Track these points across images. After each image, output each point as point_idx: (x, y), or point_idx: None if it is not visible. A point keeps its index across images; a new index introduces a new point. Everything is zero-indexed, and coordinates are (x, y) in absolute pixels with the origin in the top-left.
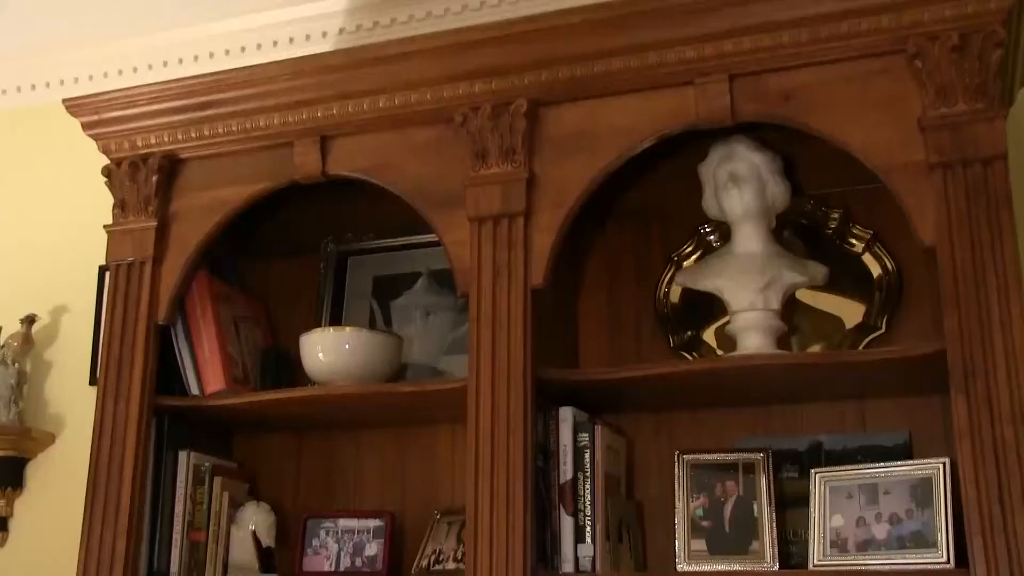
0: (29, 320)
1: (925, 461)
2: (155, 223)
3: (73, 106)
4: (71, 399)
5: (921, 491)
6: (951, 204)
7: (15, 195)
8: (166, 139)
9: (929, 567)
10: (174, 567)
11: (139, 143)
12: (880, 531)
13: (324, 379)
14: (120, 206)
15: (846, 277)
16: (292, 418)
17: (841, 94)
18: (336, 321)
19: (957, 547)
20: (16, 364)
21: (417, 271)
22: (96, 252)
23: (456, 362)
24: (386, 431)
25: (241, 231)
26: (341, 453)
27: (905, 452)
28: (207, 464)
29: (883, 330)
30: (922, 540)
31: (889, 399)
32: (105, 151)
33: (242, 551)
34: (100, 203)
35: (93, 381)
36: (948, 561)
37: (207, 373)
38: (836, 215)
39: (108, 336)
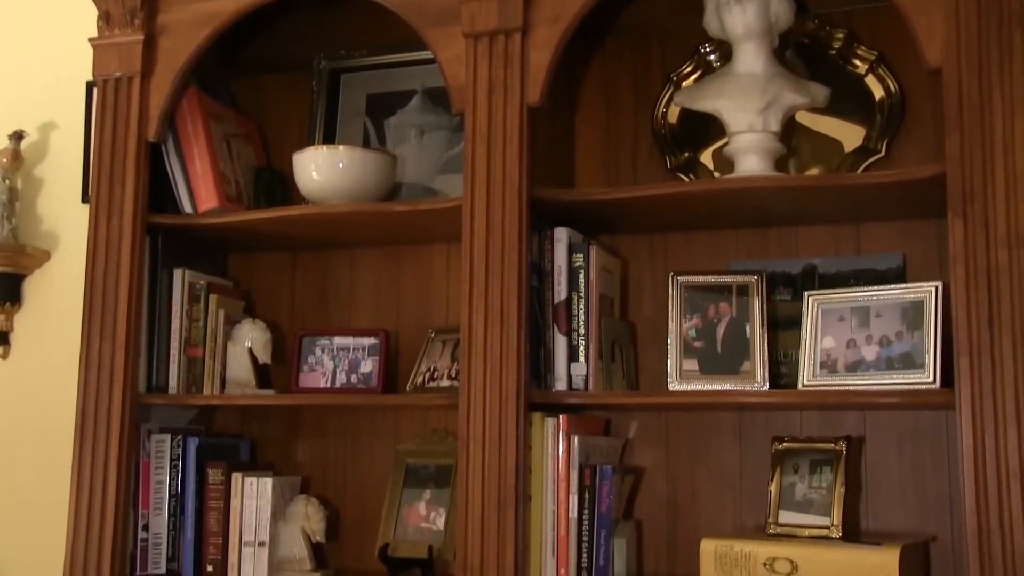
0: (17, 136)
1: (918, 284)
2: (142, 37)
3: None
4: (64, 216)
5: (912, 314)
6: (961, 23)
7: None
8: None
9: (915, 387)
10: (173, 382)
11: None
12: (870, 353)
13: (318, 198)
14: (105, 19)
15: (847, 99)
16: (286, 237)
17: None
18: (329, 140)
19: (944, 369)
20: (7, 181)
21: (411, 89)
22: (84, 67)
23: (451, 181)
24: (381, 250)
25: (232, 48)
26: (336, 272)
27: (899, 276)
28: (202, 282)
29: (882, 154)
30: (910, 361)
31: (885, 223)
32: None
33: (239, 367)
34: (87, 15)
35: (86, 198)
36: (934, 381)
37: (199, 190)
38: (840, 35)
39: (98, 153)
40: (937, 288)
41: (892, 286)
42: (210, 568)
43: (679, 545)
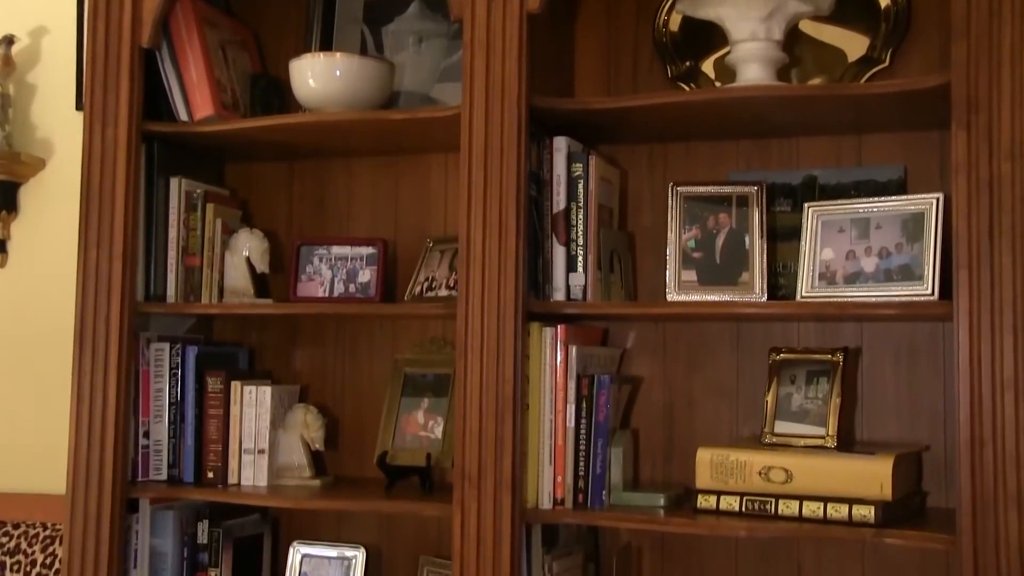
0: (7, 41)
1: (918, 196)
2: None
3: None
4: (58, 124)
5: (912, 226)
6: None
7: None
8: None
9: (914, 299)
10: (170, 291)
11: None
12: (869, 264)
13: (315, 106)
14: None
15: (852, 7)
16: (283, 146)
17: None
18: (326, 47)
19: (943, 281)
20: None
21: None
22: None
23: (449, 90)
24: (378, 159)
25: None
26: (333, 181)
27: (900, 188)
28: (199, 191)
29: (887, 63)
30: (909, 273)
31: (887, 134)
32: None
33: (237, 276)
34: None
35: (80, 106)
36: (932, 293)
37: (195, 98)
38: None
39: (91, 60)
40: (938, 200)
41: (893, 198)
42: (210, 475)
43: (675, 454)
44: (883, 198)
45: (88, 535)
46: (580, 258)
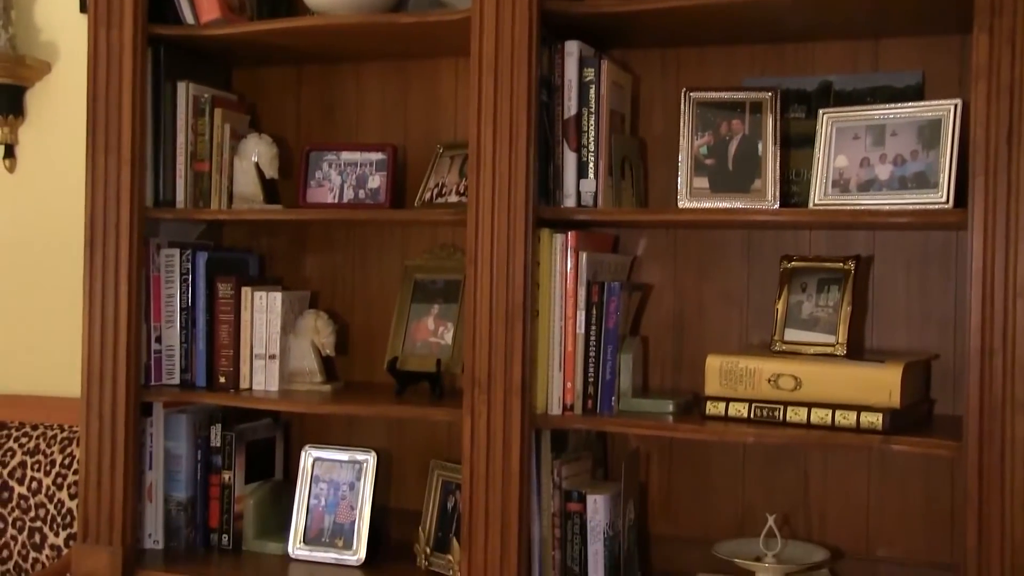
0: None
1: (936, 102)
2: None
3: None
4: (63, 26)
5: (929, 132)
6: None
7: None
8: None
9: (928, 207)
10: (180, 196)
11: None
12: (883, 172)
13: (323, 9)
14: None
15: None
16: (291, 50)
17: None
18: None
19: (958, 189)
20: None
21: None
22: None
23: None
24: (388, 64)
25: None
26: (342, 87)
27: (917, 94)
28: (207, 95)
29: None
30: (924, 181)
31: (905, 39)
32: None
33: (246, 182)
34: None
35: (84, 7)
36: (947, 201)
37: (201, 0)
38: None
39: None
40: (956, 106)
41: (909, 104)
42: (222, 379)
43: (685, 361)
44: (899, 104)
45: (104, 437)
46: (591, 164)
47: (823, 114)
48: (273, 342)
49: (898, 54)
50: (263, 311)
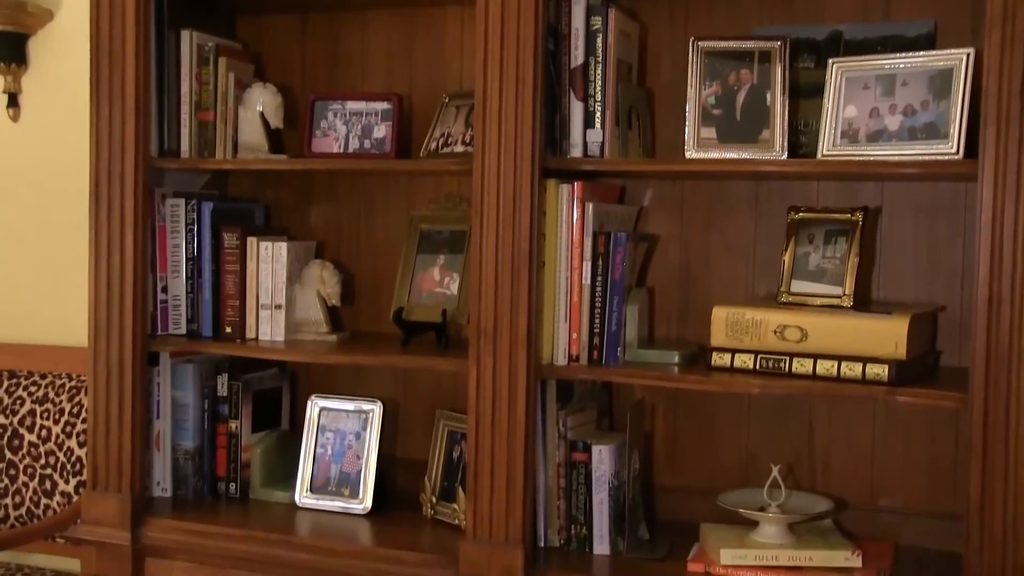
0: None
1: (948, 51)
2: None
3: None
4: None
5: (940, 82)
6: None
7: None
8: None
9: (938, 157)
10: (184, 146)
11: None
12: (893, 122)
13: None
14: None
15: None
16: None
17: None
18: None
19: (968, 140)
20: None
21: None
22: None
23: None
24: (393, 13)
25: None
26: (347, 36)
27: (928, 43)
28: (211, 44)
29: None
30: (934, 131)
31: None
32: None
33: (251, 132)
34: None
35: None
36: (957, 152)
37: None
38: None
39: None
40: (969, 55)
41: (921, 53)
42: (229, 329)
43: (691, 312)
44: (911, 53)
45: (111, 387)
46: (598, 114)
47: (833, 63)
48: (279, 292)
49: (909, 3)
50: (269, 261)
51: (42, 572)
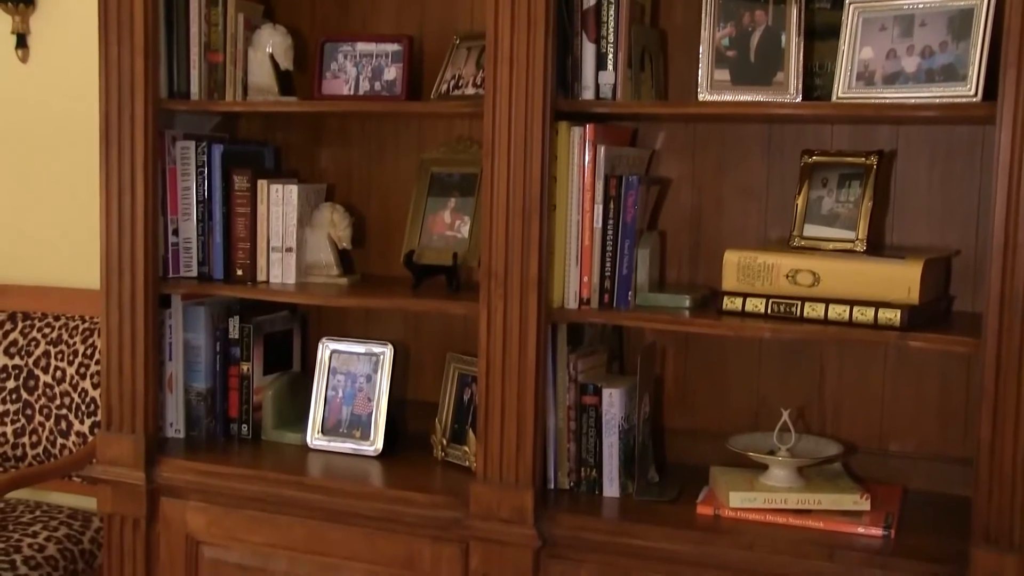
0: None
1: None
2: None
3: None
4: None
5: (959, 23)
6: None
7: None
8: None
9: (956, 100)
10: (194, 87)
11: None
12: (910, 64)
13: None
14: None
15: None
16: None
17: None
18: None
19: (988, 83)
20: None
21: None
22: None
23: None
24: None
25: None
26: None
27: None
28: None
29: None
30: (952, 73)
31: None
32: None
33: (261, 73)
34: None
35: None
36: (976, 95)
37: None
38: None
39: None
40: None
41: None
42: (239, 272)
43: (702, 256)
44: None
45: (124, 329)
46: (610, 56)
47: (849, 4)
48: (289, 235)
49: None
50: (279, 204)
51: (59, 509)
